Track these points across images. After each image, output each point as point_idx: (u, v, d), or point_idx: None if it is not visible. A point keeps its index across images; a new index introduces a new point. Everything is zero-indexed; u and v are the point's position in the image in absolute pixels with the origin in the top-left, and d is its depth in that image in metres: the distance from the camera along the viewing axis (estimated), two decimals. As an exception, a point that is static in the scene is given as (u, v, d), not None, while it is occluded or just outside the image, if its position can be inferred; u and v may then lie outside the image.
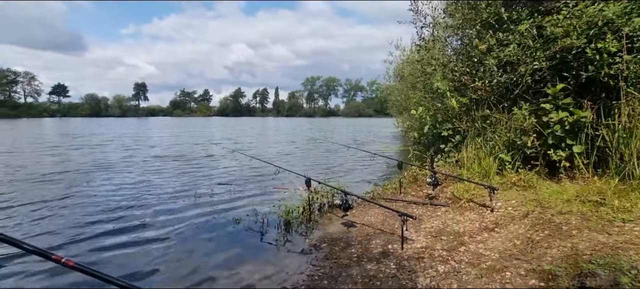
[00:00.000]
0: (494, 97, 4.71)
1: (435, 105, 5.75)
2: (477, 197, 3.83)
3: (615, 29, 3.45)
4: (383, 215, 3.70)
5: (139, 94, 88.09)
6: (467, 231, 3.08)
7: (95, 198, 5.08)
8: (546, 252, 2.44)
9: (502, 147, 4.42)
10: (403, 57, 13.89)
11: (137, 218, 4.13)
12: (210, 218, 4.10)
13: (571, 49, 3.68)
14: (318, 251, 2.99)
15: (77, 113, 71.84)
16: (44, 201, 4.82)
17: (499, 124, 4.59)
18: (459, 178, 4.31)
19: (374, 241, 3.04)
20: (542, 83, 4.10)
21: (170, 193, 5.37)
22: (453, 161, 5.15)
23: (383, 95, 21.19)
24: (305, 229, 3.56)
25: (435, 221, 3.42)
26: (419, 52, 5.99)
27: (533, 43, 4.02)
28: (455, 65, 5.02)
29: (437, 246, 2.82)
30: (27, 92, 76.15)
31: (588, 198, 3.10)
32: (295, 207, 3.89)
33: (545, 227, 2.82)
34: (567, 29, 3.69)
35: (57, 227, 3.80)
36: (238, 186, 5.84)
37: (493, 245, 2.72)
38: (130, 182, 6.26)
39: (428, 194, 4.31)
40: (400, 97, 14.44)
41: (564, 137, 3.81)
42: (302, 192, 4.12)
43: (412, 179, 5.02)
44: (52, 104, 77.69)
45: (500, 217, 3.24)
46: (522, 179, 3.95)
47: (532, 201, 3.38)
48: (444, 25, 5.46)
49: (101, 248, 3.25)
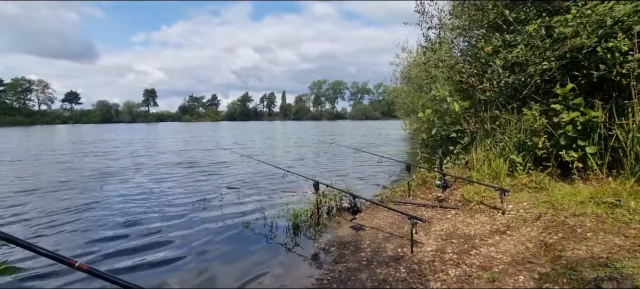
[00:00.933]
0: (502, 98, 4.66)
1: (442, 107, 5.72)
2: (488, 199, 3.78)
3: (627, 28, 3.39)
4: (392, 218, 3.68)
5: (148, 100, 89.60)
6: (478, 234, 3.04)
7: (108, 204, 5.18)
8: (560, 255, 2.39)
9: (512, 148, 4.36)
10: (410, 59, 13.84)
11: (148, 222, 4.19)
12: (220, 223, 4.13)
13: (582, 48, 3.62)
14: (327, 254, 2.99)
15: (88, 120, 73.31)
16: (59, 208, 4.94)
17: (508, 125, 4.53)
18: (468, 180, 4.26)
19: (384, 244, 3.03)
20: (552, 83, 4.03)
21: (180, 198, 5.44)
22: (462, 162, 5.09)
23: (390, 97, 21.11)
24: (314, 233, 3.56)
25: (446, 224, 3.38)
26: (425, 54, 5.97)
27: (542, 43, 3.97)
28: (462, 67, 4.98)
29: (448, 249, 2.79)
30: (41, 100, 78.35)
31: (603, 200, 3.03)
32: (304, 211, 3.90)
33: (558, 229, 2.76)
34: (576, 28, 3.63)
35: (72, 233, 3.89)
36: (247, 190, 5.88)
37: (505, 248, 2.68)
38: (141, 187, 6.36)
39: (437, 197, 4.27)
40: (407, 99, 14.37)
41: (575, 137, 3.75)
42: (311, 195, 4.13)
43: (421, 181, 4.99)
44: (65, 111, 79.54)
45: (511, 219, 3.19)
46: (534, 181, 3.89)
47: (545, 203, 3.32)
48: (451, 27, 5.44)
49: (114, 252, 3.31)
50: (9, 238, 1.31)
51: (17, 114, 67.24)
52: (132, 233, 3.80)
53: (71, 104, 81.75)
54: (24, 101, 75.75)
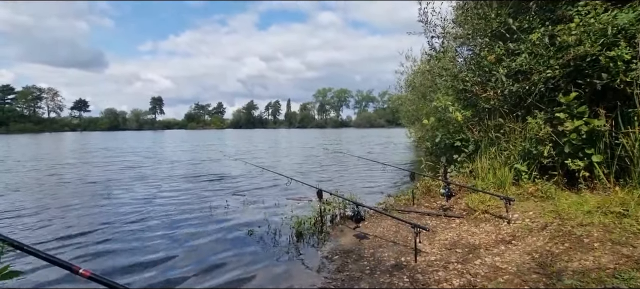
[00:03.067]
0: (506, 106, 4.64)
1: (445, 115, 5.71)
2: (493, 208, 3.74)
3: (630, 36, 3.38)
4: (396, 227, 3.66)
5: (155, 108, 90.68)
6: (483, 243, 3.01)
7: (112, 211, 5.22)
8: (567, 266, 2.35)
9: (517, 156, 4.33)
10: (414, 68, 13.87)
11: (151, 230, 4.21)
12: (224, 230, 4.14)
13: (585, 57, 3.61)
14: (330, 263, 2.97)
15: (96, 127, 74.30)
16: (66, 215, 5.00)
17: (513, 133, 4.51)
18: (473, 189, 4.22)
19: (387, 253, 3.01)
20: (556, 91, 4.02)
21: (184, 205, 5.47)
22: (467, 171, 5.06)
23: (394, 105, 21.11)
24: (317, 241, 3.55)
25: (450, 233, 3.35)
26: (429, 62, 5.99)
27: (545, 51, 3.96)
28: (466, 75, 4.98)
29: (452, 258, 2.76)
30: (51, 108, 79.74)
31: (610, 209, 2.98)
32: (307, 219, 3.89)
33: (565, 239, 2.72)
34: (580, 37, 3.63)
35: (76, 239, 3.92)
36: (251, 197, 5.89)
37: (510, 258, 2.64)
38: (146, 195, 6.41)
39: (442, 205, 4.23)
40: (411, 107, 14.35)
41: (581, 146, 3.71)
42: (314, 203, 4.12)
43: (425, 189, 4.95)
44: (73, 119, 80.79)
45: (517, 229, 3.15)
46: (540, 190, 3.84)
47: (551, 212, 3.28)
48: (454, 36, 5.46)
49: (116, 259, 3.33)
50: (11, 242, 1.33)
51: (27, 121, 68.45)
52: (135, 240, 3.83)
53: (80, 112, 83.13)
54: (34, 108, 77.23)
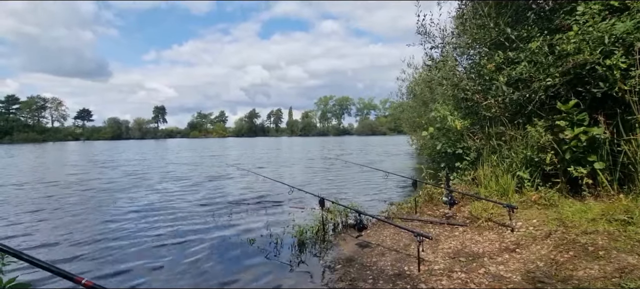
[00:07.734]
0: (507, 114, 4.65)
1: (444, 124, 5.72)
2: (496, 216, 3.72)
3: (628, 44, 3.40)
4: (398, 235, 3.64)
5: (158, 117, 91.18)
6: (487, 251, 2.99)
7: (114, 220, 5.23)
8: (572, 274, 2.33)
9: (519, 164, 4.32)
10: (415, 75, 13.95)
11: (153, 241, 4.21)
12: (226, 239, 4.15)
13: (584, 65, 3.63)
14: (332, 272, 2.96)
15: (99, 136, 74.70)
16: (69, 225, 5.01)
17: (514, 141, 4.51)
18: (476, 197, 4.21)
19: (390, 262, 2.99)
20: (557, 99, 4.03)
21: (186, 213, 5.47)
22: (469, 178, 5.05)
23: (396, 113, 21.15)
24: (319, 250, 3.54)
25: (453, 242, 3.33)
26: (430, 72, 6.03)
27: (545, 60, 3.99)
28: (466, 84, 5.01)
29: (456, 267, 2.74)
30: (54, 117, 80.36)
31: (614, 217, 2.97)
32: (309, 228, 3.89)
33: (569, 248, 2.70)
34: (579, 45, 3.65)
35: (79, 248, 3.93)
36: (253, 206, 5.89)
37: (515, 267, 2.62)
38: (150, 203, 6.42)
39: (445, 214, 4.22)
40: (413, 114, 14.38)
41: (583, 153, 3.70)
42: (317, 212, 4.12)
43: (427, 198, 4.94)
44: (77, 128, 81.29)
45: (521, 237, 3.13)
46: (543, 197, 3.83)
47: (555, 220, 3.26)
48: (454, 45, 5.51)
49: (119, 268, 3.33)
50: (15, 253, 1.35)
51: (31, 131, 68.93)
52: (137, 250, 3.83)
53: (83, 121, 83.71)
54: (38, 118, 77.85)
